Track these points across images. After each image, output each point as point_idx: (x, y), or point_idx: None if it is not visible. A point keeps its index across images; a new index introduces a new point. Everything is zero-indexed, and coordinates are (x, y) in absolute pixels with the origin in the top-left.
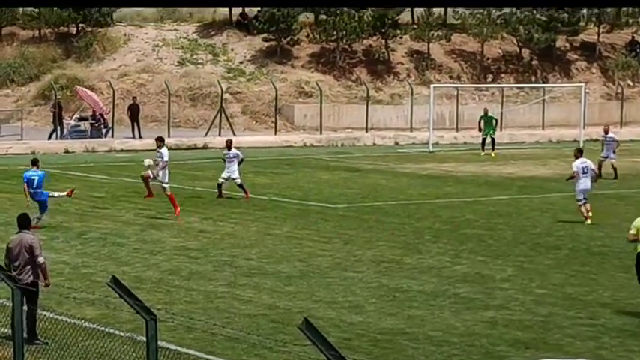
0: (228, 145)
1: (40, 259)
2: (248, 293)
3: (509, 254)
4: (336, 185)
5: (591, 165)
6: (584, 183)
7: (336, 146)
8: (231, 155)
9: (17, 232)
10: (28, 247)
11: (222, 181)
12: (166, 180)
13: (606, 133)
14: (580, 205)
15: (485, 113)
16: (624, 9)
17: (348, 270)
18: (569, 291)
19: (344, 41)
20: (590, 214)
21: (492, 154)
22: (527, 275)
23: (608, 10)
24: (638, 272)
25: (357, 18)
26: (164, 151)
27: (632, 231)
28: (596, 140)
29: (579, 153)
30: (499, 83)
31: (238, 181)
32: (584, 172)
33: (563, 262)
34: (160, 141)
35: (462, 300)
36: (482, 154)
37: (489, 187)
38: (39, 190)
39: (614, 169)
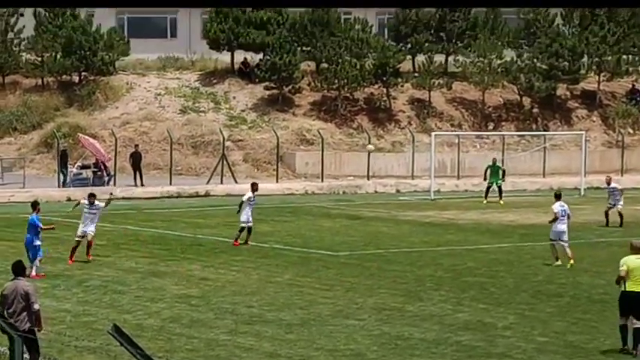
0: (256, 188)
1: (36, 306)
2: (249, 341)
3: (511, 302)
4: (337, 233)
5: (568, 210)
6: (560, 226)
7: (337, 194)
8: (255, 198)
9: (12, 280)
10: (23, 294)
11: (245, 225)
12: (94, 228)
13: (608, 183)
14: (552, 245)
15: (494, 163)
16: (624, 57)
17: (350, 318)
18: (571, 339)
19: (345, 89)
20: (572, 261)
21: (501, 202)
22: (529, 323)
23: (609, 58)
24: (620, 310)
25: (358, 66)
26: (100, 204)
27: (624, 267)
28: (597, 188)
29: (557, 197)
30: (500, 131)
31: (251, 224)
32: (562, 215)
33: (565, 310)
34: (93, 197)
35: (463, 348)
36: (485, 202)
37: (491, 235)
38: (28, 235)
39: (621, 216)
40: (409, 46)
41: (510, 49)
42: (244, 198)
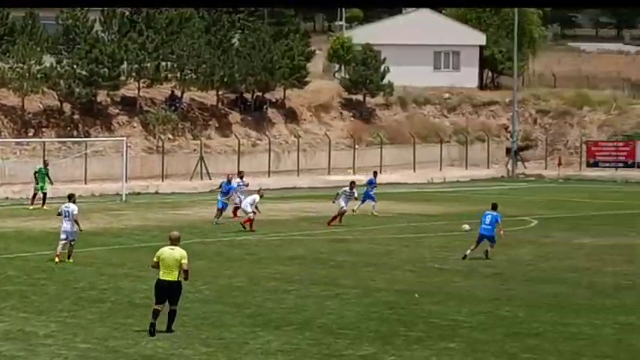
0: None
1: None
2: None
3: (52, 310)
4: None
5: (74, 211)
6: (64, 226)
7: None
8: None
9: None
10: None
11: None
12: None
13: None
14: (61, 245)
15: (46, 165)
16: (163, 64)
17: None
18: (113, 344)
19: None
20: (71, 257)
21: (45, 208)
22: (70, 330)
23: (149, 65)
24: (155, 296)
25: None
26: None
27: (155, 259)
28: (139, 194)
29: (69, 198)
30: (41, 137)
31: None
32: (65, 216)
33: (107, 316)
34: None
35: (4, 358)
36: (31, 207)
37: (32, 243)
38: None
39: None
40: None
41: (50, 55)
42: None
